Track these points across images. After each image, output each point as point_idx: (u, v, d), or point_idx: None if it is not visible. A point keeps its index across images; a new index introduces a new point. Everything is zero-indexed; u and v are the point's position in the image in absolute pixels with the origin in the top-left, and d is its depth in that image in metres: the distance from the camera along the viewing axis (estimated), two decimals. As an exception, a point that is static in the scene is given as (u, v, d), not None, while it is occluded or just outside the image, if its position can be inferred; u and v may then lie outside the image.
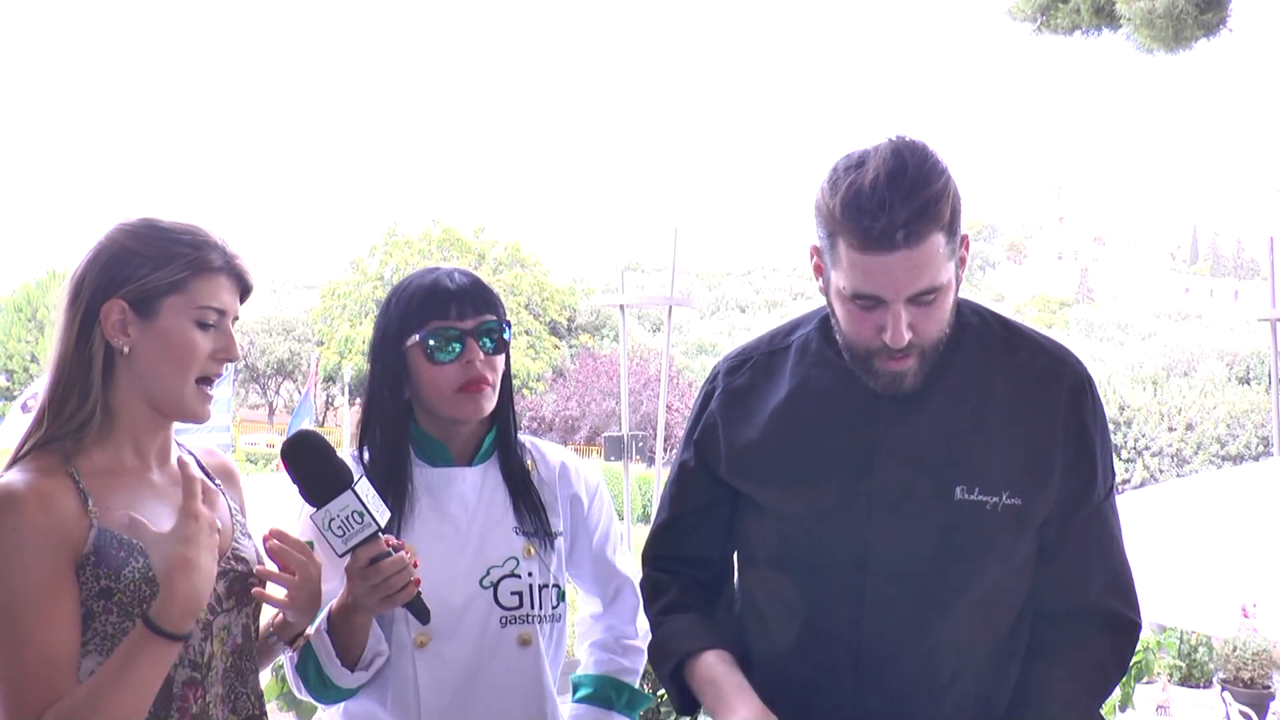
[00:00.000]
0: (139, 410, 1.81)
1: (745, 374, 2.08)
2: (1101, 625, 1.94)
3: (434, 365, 2.15)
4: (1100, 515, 1.95)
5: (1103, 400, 1.96)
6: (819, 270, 1.88)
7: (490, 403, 2.21)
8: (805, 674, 1.94)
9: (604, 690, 2.37)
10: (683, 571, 2.12)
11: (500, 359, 2.21)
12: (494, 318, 2.19)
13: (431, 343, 2.15)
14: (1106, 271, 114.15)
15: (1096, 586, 1.94)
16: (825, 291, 1.90)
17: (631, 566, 2.41)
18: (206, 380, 1.84)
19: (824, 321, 2.03)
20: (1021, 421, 1.89)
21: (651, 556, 2.17)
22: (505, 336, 2.19)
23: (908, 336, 1.78)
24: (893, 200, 1.70)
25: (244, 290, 1.89)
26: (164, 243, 1.80)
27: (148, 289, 1.77)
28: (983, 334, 1.96)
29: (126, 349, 1.77)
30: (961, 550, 1.86)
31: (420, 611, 1.97)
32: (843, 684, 1.91)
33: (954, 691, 1.90)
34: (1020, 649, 1.96)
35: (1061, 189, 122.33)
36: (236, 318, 1.88)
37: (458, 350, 2.15)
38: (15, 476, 1.70)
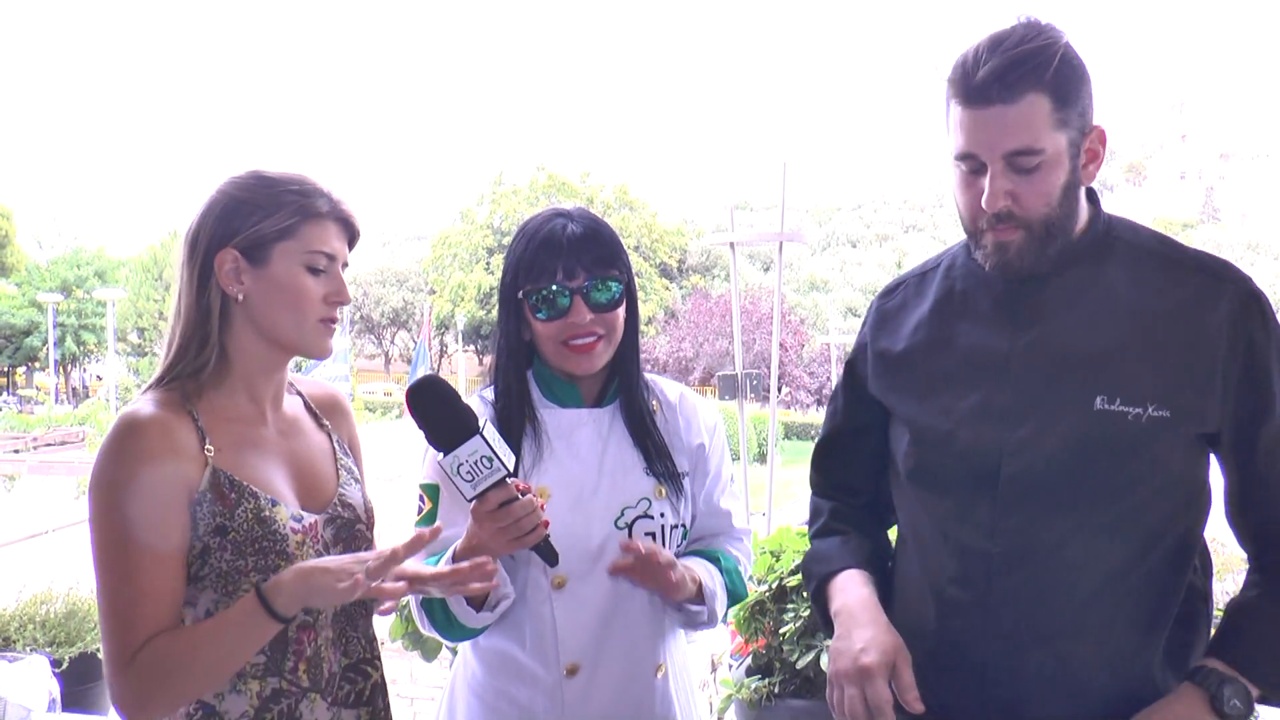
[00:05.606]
0: (254, 355, 1.86)
1: (898, 296, 2.09)
2: None
3: (540, 321, 2.13)
4: None
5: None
6: None
7: (601, 358, 2.16)
8: (941, 587, 1.91)
9: (711, 555, 2.29)
10: (837, 497, 2.19)
11: (615, 313, 2.16)
12: (606, 272, 2.14)
13: (536, 299, 2.12)
14: (1234, 189, 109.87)
15: None
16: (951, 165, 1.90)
17: (736, 505, 2.37)
18: (326, 321, 1.88)
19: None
20: (1175, 334, 1.81)
21: (814, 481, 2.26)
22: (615, 293, 2.14)
23: (1003, 202, 1.78)
24: (992, 55, 1.74)
25: (351, 236, 1.92)
26: (271, 192, 1.84)
27: (258, 237, 1.81)
28: (1135, 247, 1.90)
29: (241, 296, 1.82)
30: (1099, 461, 1.80)
31: (548, 554, 1.94)
32: (976, 594, 1.87)
33: (1097, 608, 1.83)
34: (1181, 584, 1.87)
35: (1184, 105, 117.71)
36: (346, 264, 1.91)
37: (565, 308, 2.12)
38: (139, 405, 1.77)
